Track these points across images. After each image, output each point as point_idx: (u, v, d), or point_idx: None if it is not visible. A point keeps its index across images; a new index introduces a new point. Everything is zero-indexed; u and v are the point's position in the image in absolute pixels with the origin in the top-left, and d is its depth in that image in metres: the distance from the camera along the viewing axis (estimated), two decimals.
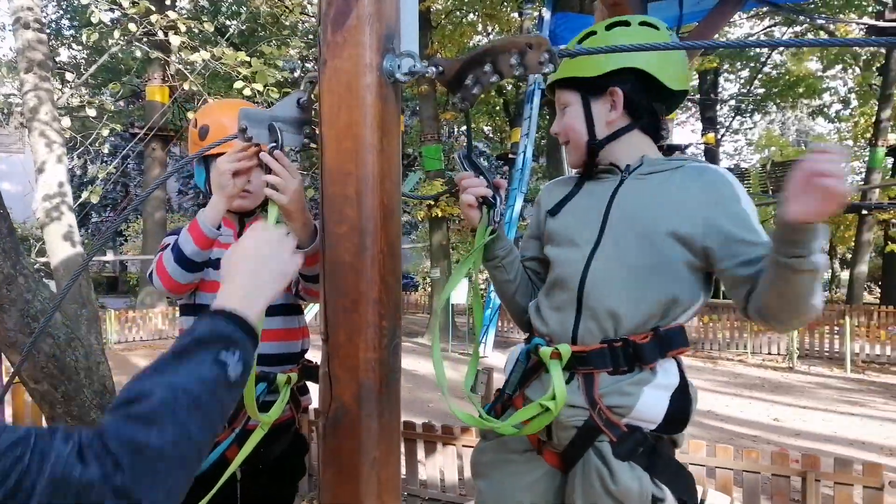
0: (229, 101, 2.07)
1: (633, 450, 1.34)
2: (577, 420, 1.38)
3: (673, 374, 1.40)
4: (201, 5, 19.29)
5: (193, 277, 1.72)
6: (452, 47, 16.87)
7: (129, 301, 18.01)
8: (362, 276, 1.16)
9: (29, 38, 4.33)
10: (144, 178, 16.83)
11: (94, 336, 3.48)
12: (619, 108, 1.43)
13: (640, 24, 1.45)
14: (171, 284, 1.69)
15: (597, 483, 1.35)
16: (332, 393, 1.18)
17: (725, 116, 26.48)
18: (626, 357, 1.37)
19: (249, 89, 5.09)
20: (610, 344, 1.37)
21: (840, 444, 6.00)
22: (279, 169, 1.37)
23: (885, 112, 15.36)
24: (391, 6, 1.19)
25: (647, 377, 1.37)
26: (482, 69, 1.18)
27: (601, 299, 1.38)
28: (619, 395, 1.36)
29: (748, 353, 11.36)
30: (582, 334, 1.40)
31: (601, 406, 1.36)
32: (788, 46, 3.06)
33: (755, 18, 20.53)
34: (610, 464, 1.34)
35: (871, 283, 22.00)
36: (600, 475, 1.34)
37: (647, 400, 1.35)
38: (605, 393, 1.37)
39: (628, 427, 1.36)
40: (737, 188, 1.38)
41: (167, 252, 1.68)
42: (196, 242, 1.64)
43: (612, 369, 1.37)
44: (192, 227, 1.65)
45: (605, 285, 1.39)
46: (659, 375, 1.38)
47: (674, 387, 1.39)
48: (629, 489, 1.32)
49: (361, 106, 1.15)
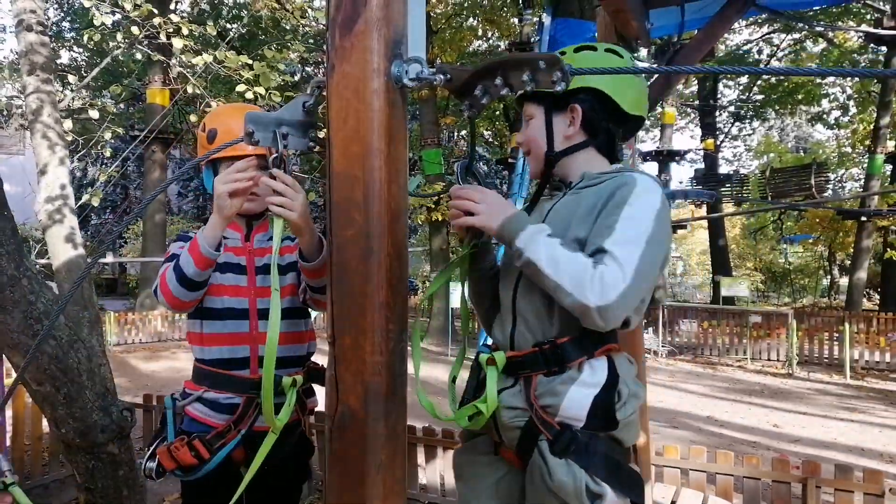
0: (238, 105, 2.08)
1: (566, 447, 1.41)
2: (518, 421, 1.47)
3: (601, 372, 1.45)
4: (202, 8, 19.32)
5: (197, 295, 1.74)
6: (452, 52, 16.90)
7: (128, 303, 18.00)
8: (369, 280, 1.16)
9: (32, 41, 4.34)
10: (144, 180, 16.84)
11: (96, 338, 3.48)
12: (577, 124, 1.53)
13: (605, 51, 1.57)
14: (175, 303, 1.72)
15: (538, 479, 1.43)
16: (339, 396, 1.18)
17: (724, 122, 26.53)
18: (554, 358, 1.44)
19: (252, 92, 5.10)
20: (540, 347, 1.46)
21: (840, 450, 6.00)
22: (284, 188, 1.39)
23: (883, 119, 15.40)
24: (399, 12, 1.19)
25: (574, 375, 1.44)
26: (493, 81, 1.19)
27: (528, 306, 1.48)
28: (551, 395, 1.43)
29: (748, 359, 11.36)
30: (517, 340, 1.50)
31: (537, 406, 1.45)
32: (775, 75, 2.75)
33: (754, 25, 20.59)
34: (547, 461, 1.41)
35: (870, 289, 22.01)
36: (541, 472, 1.42)
37: (571, 397, 1.42)
38: (540, 394, 1.45)
39: (560, 425, 1.43)
40: (634, 193, 1.39)
41: (170, 271, 1.70)
42: (197, 264, 1.66)
43: (546, 371, 1.45)
44: (192, 248, 1.66)
45: (531, 293, 1.48)
46: (585, 373, 1.44)
47: (600, 384, 1.44)
48: (563, 484, 1.38)
49: (369, 111, 1.15)
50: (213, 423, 1.80)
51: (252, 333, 1.83)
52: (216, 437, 1.76)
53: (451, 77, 1.19)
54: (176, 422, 1.84)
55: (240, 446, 1.77)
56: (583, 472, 1.39)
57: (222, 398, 1.81)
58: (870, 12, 15.65)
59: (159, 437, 1.84)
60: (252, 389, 1.79)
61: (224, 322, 1.83)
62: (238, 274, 1.86)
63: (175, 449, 1.74)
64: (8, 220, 2.34)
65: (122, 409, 2.74)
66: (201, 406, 1.83)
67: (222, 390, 1.81)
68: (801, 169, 15.97)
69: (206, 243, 1.64)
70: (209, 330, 1.84)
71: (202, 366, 1.85)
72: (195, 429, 1.81)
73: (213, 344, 1.83)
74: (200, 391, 1.82)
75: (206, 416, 1.82)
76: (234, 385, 1.81)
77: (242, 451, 1.78)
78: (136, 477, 2.83)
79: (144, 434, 4.81)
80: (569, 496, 1.38)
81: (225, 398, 1.81)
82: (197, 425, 1.82)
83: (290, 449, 1.86)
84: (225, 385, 1.81)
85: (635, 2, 2.94)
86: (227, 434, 1.78)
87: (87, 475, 2.68)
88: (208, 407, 1.82)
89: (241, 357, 1.83)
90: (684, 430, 6.72)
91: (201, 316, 1.84)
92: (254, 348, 1.83)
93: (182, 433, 1.81)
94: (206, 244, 1.64)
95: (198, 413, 1.83)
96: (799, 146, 32.66)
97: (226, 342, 1.83)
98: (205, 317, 1.84)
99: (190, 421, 1.83)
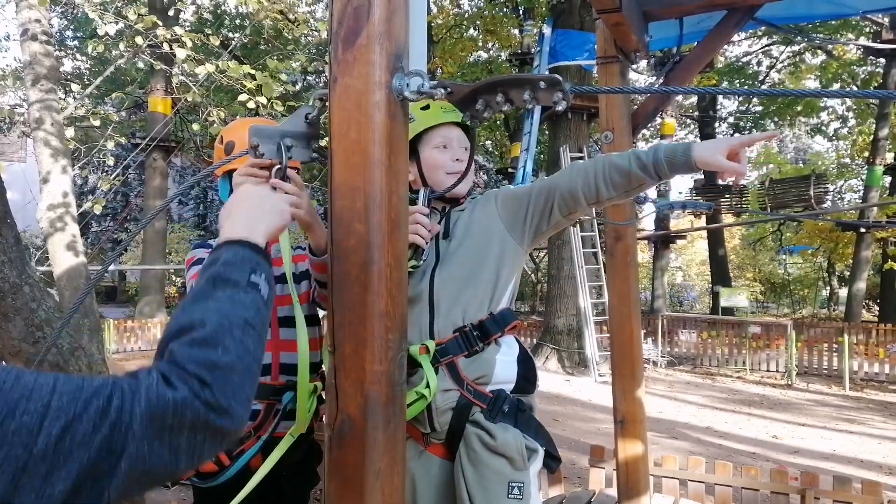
0: (255, 119, 2.12)
1: (500, 410, 1.61)
2: (450, 401, 1.62)
3: (514, 346, 1.71)
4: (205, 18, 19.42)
5: None
6: (453, 62, 16.99)
7: (127, 311, 17.98)
8: (369, 289, 1.18)
9: (36, 50, 4.37)
10: (145, 188, 16.88)
11: (96, 346, 3.49)
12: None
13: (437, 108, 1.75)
14: None
15: (478, 446, 1.58)
16: (338, 405, 1.19)
17: (724, 133, 26.60)
18: (475, 336, 1.64)
19: (254, 102, 5.13)
20: (461, 331, 1.64)
21: (839, 462, 5.99)
22: (291, 188, 1.41)
23: (882, 131, 15.46)
24: (401, 26, 1.21)
25: (495, 348, 1.66)
26: (494, 98, 1.22)
27: (445, 298, 1.67)
28: (480, 367, 1.64)
29: (747, 370, 11.35)
30: (438, 329, 1.66)
31: (468, 381, 1.63)
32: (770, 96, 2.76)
33: (753, 37, 20.69)
34: (486, 426, 1.59)
35: (869, 300, 22.01)
36: (480, 439, 1.58)
37: (501, 365, 1.65)
38: (468, 370, 1.63)
39: (492, 392, 1.63)
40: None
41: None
42: None
43: (467, 352, 1.64)
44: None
45: (447, 286, 1.67)
46: (503, 347, 1.68)
47: (516, 354, 1.70)
48: (506, 441, 1.57)
49: (370, 123, 1.17)
50: None
51: (273, 340, 1.86)
52: (236, 444, 1.78)
53: (451, 91, 1.21)
54: None
55: (259, 453, 1.78)
56: (518, 432, 1.60)
57: None
58: (868, 25, 15.74)
59: None
60: (273, 395, 1.82)
61: None
62: None
63: None
64: (11, 228, 2.36)
65: None
66: None
67: None
68: (801, 180, 16.04)
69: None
70: None
71: None
72: None
73: None
74: None
75: None
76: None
77: (261, 457, 1.79)
78: None
79: None
80: (512, 452, 1.57)
81: None
82: None
83: (302, 454, 1.88)
84: None
85: (635, 15, 2.97)
86: (247, 440, 1.79)
87: None
88: None
89: (264, 364, 1.84)
90: (683, 440, 6.72)
91: None
92: (275, 355, 1.86)
93: None
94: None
95: None
96: (798, 157, 32.75)
97: None
98: None
99: None
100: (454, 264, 1.71)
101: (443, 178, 1.73)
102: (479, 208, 1.77)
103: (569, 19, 11.76)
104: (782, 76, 22.91)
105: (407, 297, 1.65)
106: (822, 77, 19.63)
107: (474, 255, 1.71)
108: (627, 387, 3.14)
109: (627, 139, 3.12)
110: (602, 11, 2.76)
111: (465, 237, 1.73)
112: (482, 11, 17.32)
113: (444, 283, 1.69)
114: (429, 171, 1.73)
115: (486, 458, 1.57)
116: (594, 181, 1.59)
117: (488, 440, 1.57)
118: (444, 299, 1.68)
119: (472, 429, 1.60)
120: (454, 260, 1.72)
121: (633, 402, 3.14)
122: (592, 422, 7.48)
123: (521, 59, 15.63)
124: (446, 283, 1.68)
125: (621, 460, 3.16)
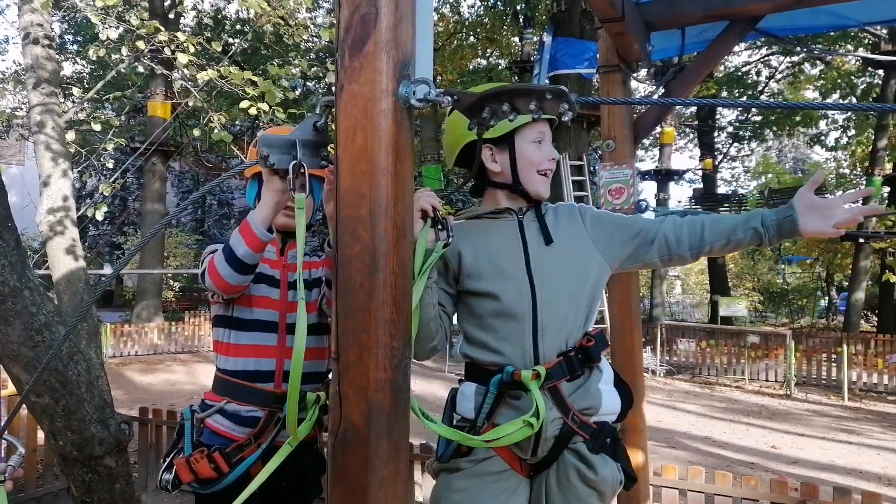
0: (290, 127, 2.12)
1: (604, 443, 1.58)
2: (555, 430, 1.56)
3: (609, 370, 1.65)
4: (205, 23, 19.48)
5: (244, 279, 1.70)
6: (453, 69, 17.05)
7: (124, 315, 17.93)
8: (374, 297, 1.17)
9: (38, 54, 4.38)
10: (143, 192, 16.87)
11: (94, 350, 3.48)
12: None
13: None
14: (222, 285, 1.68)
15: (574, 478, 1.55)
16: (342, 412, 1.18)
17: (723, 143, 26.67)
18: (579, 363, 1.58)
19: (255, 108, 5.14)
20: (565, 355, 1.57)
21: (838, 472, 5.98)
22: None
23: (881, 141, 15.53)
24: (407, 34, 1.21)
25: (598, 376, 1.61)
26: (500, 107, 1.22)
27: (553, 318, 1.58)
28: (585, 397, 1.58)
29: (746, 380, 11.34)
30: (543, 352, 1.57)
31: (574, 411, 1.57)
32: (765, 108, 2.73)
33: (753, 47, 20.78)
34: (588, 459, 1.56)
35: (867, 311, 22.01)
36: (578, 470, 1.55)
37: (607, 396, 1.60)
38: (574, 399, 1.57)
39: (597, 424, 1.59)
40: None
41: (219, 254, 1.67)
42: (248, 244, 1.61)
43: (568, 377, 1.57)
44: (243, 229, 1.62)
45: (554, 305, 1.59)
46: (604, 373, 1.63)
47: (611, 381, 1.65)
48: (605, 477, 1.55)
49: (376, 130, 1.17)
50: (233, 435, 1.80)
51: (279, 347, 1.84)
52: (236, 451, 1.76)
53: (458, 99, 1.22)
54: (193, 434, 1.84)
55: (259, 461, 1.76)
56: (616, 466, 1.58)
57: (244, 410, 1.81)
58: (867, 37, 15.83)
59: (176, 448, 1.84)
60: (275, 403, 1.80)
61: (252, 333, 1.84)
62: (271, 286, 1.87)
63: (194, 461, 1.73)
64: (12, 232, 2.35)
65: (119, 422, 2.74)
66: (222, 418, 1.82)
67: (244, 402, 1.81)
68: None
69: (258, 223, 1.59)
70: (237, 340, 1.84)
71: (225, 376, 1.85)
72: (214, 442, 1.80)
73: (239, 355, 1.84)
74: (222, 402, 1.82)
75: (227, 428, 1.81)
76: (256, 398, 1.81)
77: (261, 465, 1.78)
78: (132, 490, 2.82)
79: (140, 448, 4.78)
80: (607, 488, 1.55)
81: (247, 411, 1.81)
82: (216, 438, 1.81)
83: (305, 464, 1.86)
84: (247, 397, 1.81)
85: (637, 24, 2.99)
86: (247, 447, 1.78)
87: (83, 488, 2.67)
88: (229, 419, 1.82)
89: (267, 370, 1.83)
90: (682, 450, 6.70)
91: (229, 325, 1.85)
92: (279, 362, 1.84)
93: (200, 445, 1.80)
94: (258, 224, 1.59)
95: (218, 425, 1.82)
96: (797, 167, 32.85)
97: (252, 354, 1.83)
98: (233, 326, 1.84)
99: (210, 434, 1.83)
100: (554, 277, 1.62)
101: (534, 176, 1.65)
102: (564, 220, 1.70)
103: (569, 28, 11.82)
104: (781, 86, 23.00)
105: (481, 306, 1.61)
106: (822, 87, 19.72)
107: (576, 272, 1.64)
108: None
109: (629, 148, 3.13)
110: (605, 21, 2.77)
111: (560, 249, 1.64)
112: (482, 19, 17.40)
113: (548, 301, 1.60)
114: (522, 166, 1.63)
115: (579, 489, 1.56)
116: (700, 231, 1.61)
117: (588, 474, 1.55)
118: (549, 319, 1.59)
119: (572, 459, 1.57)
120: (553, 272, 1.63)
121: (634, 411, 3.12)
122: None
123: (521, 66, 15.69)
124: (551, 302, 1.60)
125: None
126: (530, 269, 1.62)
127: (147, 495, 4.56)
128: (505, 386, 1.58)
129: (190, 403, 1.93)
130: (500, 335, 1.60)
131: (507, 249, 1.64)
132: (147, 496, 4.53)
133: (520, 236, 1.65)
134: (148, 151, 13.32)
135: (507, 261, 1.63)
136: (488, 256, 1.64)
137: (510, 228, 1.67)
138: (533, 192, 1.65)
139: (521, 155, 1.62)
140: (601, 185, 3.16)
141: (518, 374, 1.54)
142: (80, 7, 5.73)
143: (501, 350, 1.59)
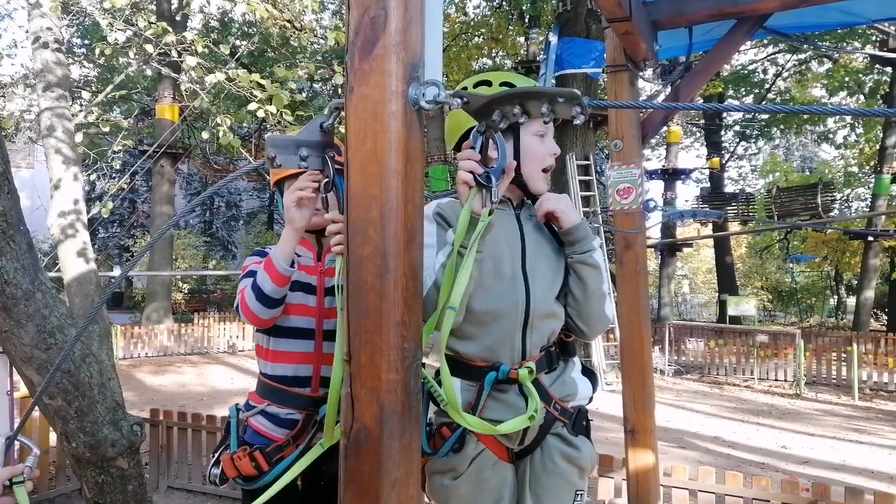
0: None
1: (580, 424, 1.71)
2: (540, 418, 1.63)
3: (578, 360, 1.80)
4: (212, 25, 19.56)
5: (276, 312, 1.80)
6: (459, 70, 17.04)
7: (134, 317, 18.02)
8: (385, 298, 1.18)
9: (48, 58, 4.41)
10: (152, 194, 16.95)
11: (106, 352, 3.50)
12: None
13: (500, 84, 1.63)
14: (256, 320, 1.78)
15: (559, 458, 1.67)
16: (354, 414, 1.19)
17: (730, 142, 26.56)
18: (558, 356, 1.70)
19: (263, 111, 5.16)
20: (547, 350, 1.68)
21: (849, 472, 5.94)
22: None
23: (890, 139, 15.41)
24: (417, 36, 1.22)
25: (572, 366, 1.75)
26: (511, 109, 1.22)
27: (543, 317, 1.65)
28: (563, 386, 1.69)
29: (755, 379, 11.28)
30: (530, 348, 1.65)
31: (555, 399, 1.67)
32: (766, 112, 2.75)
33: (759, 45, 20.69)
34: (570, 440, 1.69)
35: (877, 310, 21.86)
36: (562, 452, 1.68)
37: (581, 384, 1.74)
38: (554, 389, 1.68)
39: (573, 409, 1.71)
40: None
41: (248, 290, 1.76)
42: (274, 281, 1.71)
43: (547, 370, 1.67)
44: (267, 266, 1.72)
45: (547, 303, 1.65)
46: (576, 364, 1.77)
47: (580, 369, 1.79)
48: (587, 454, 1.70)
49: (386, 132, 1.18)
50: (273, 436, 1.88)
51: (316, 353, 1.90)
52: (275, 451, 1.83)
53: (468, 101, 1.22)
54: (239, 431, 1.92)
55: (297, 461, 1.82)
56: (591, 445, 1.73)
57: (283, 413, 1.89)
58: (875, 34, 15.72)
59: (223, 444, 1.92)
60: (312, 407, 1.87)
61: (290, 340, 1.90)
62: (308, 294, 1.92)
63: (237, 458, 1.82)
64: (24, 235, 2.37)
65: (132, 423, 2.75)
66: (263, 419, 1.90)
67: (284, 406, 1.89)
68: (808, 188, 15.99)
69: (280, 260, 1.69)
70: (276, 347, 1.91)
71: (267, 380, 1.92)
72: (256, 441, 1.88)
73: (278, 361, 1.91)
74: (264, 404, 1.90)
75: (267, 429, 1.90)
76: (295, 401, 1.88)
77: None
78: (144, 492, 2.83)
79: (151, 449, 4.81)
80: (587, 464, 1.70)
81: (285, 413, 1.89)
82: (258, 438, 1.89)
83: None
84: (286, 401, 1.89)
85: (644, 24, 2.98)
86: (287, 448, 1.84)
87: (96, 490, 2.69)
88: (270, 420, 1.90)
89: (304, 376, 1.91)
90: (692, 450, 6.68)
91: (268, 332, 1.91)
92: (316, 367, 1.90)
93: (244, 443, 1.89)
94: (280, 261, 1.69)
95: (260, 426, 1.91)
96: (805, 166, 32.67)
97: (291, 360, 1.90)
98: (272, 333, 1.91)
99: (253, 433, 1.91)
100: (545, 275, 1.67)
101: (537, 172, 1.65)
102: (534, 217, 1.73)
103: (575, 27, 11.78)
104: (788, 84, 22.88)
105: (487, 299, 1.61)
106: (829, 85, 19.60)
107: (557, 268, 1.68)
108: (637, 396, 3.13)
109: (637, 147, 3.12)
110: (612, 20, 2.77)
111: (549, 246, 1.71)
112: (488, 19, 17.39)
113: (540, 301, 1.64)
114: (526, 158, 1.62)
115: (563, 468, 1.67)
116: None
117: (572, 453, 1.68)
118: (538, 317, 1.64)
119: (555, 442, 1.69)
120: (544, 269, 1.67)
121: (644, 411, 3.13)
122: (600, 430, 7.44)
123: (527, 66, 15.67)
124: (542, 302, 1.64)
125: (632, 470, 3.14)
126: (525, 269, 1.64)
127: (159, 496, 4.58)
128: (498, 383, 1.63)
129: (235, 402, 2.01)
130: (490, 331, 1.62)
131: (507, 244, 1.65)
132: (159, 497, 4.56)
133: (519, 233, 1.68)
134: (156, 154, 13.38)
135: (506, 257, 1.64)
136: (488, 248, 1.57)
137: (510, 221, 1.69)
138: (533, 188, 1.67)
139: (524, 147, 1.63)
140: (609, 185, 3.16)
141: (515, 374, 1.60)
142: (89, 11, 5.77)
143: (491, 347, 1.62)
